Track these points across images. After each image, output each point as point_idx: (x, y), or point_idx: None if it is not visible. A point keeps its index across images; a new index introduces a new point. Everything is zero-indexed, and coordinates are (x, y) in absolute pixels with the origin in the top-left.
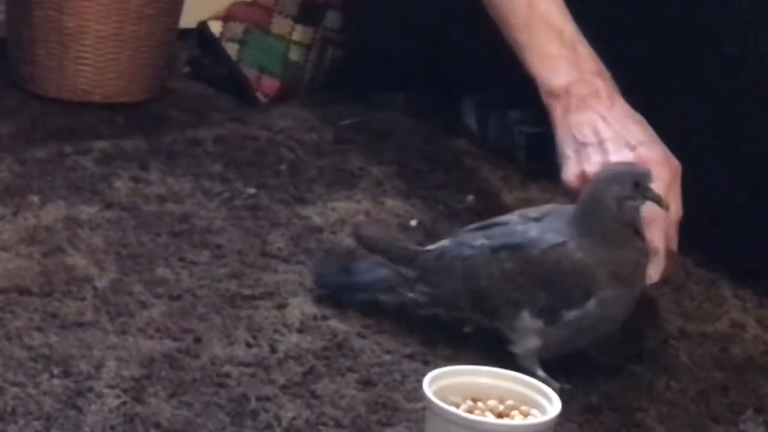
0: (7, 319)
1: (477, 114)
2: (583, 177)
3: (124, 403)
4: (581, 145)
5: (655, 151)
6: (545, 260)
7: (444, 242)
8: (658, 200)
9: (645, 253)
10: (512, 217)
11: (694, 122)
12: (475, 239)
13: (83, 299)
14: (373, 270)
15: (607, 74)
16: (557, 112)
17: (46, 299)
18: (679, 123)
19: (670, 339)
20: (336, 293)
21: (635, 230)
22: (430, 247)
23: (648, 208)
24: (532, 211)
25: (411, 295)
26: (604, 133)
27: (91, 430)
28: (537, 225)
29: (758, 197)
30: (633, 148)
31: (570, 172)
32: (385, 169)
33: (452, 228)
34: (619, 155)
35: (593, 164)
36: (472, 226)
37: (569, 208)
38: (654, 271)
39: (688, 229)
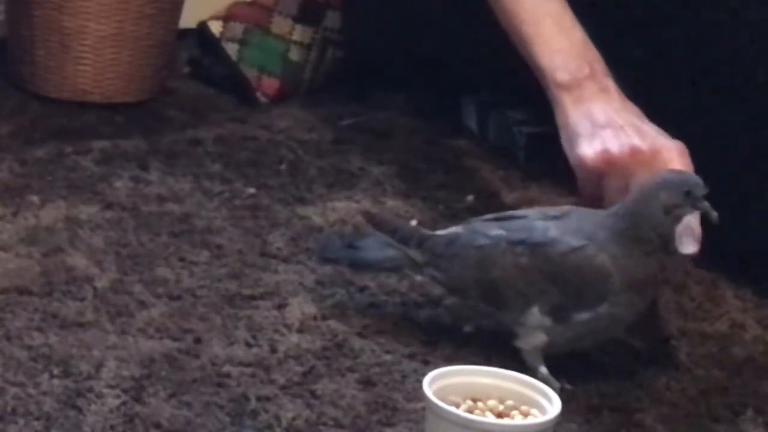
0: (7, 319)
1: (477, 114)
2: (605, 155)
3: (124, 403)
4: (598, 127)
5: (677, 142)
6: (564, 262)
7: (455, 229)
8: (707, 210)
9: (664, 269)
10: (529, 212)
11: (693, 122)
12: (491, 229)
13: (83, 299)
14: (380, 249)
15: (613, 80)
16: (568, 101)
17: (46, 299)
18: (678, 123)
19: (670, 339)
20: (337, 264)
21: (667, 243)
22: (441, 232)
23: None
24: (552, 210)
25: (419, 278)
26: (621, 121)
27: (91, 430)
28: (556, 224)
29: (758, 197)
30: (655, 137)
31: (587, 148)
32: (385, 169)
33: None
34: (641, 139)
35: (616, 145)
36: (486, 217)
37: (591, 211)
38: (692, 246)
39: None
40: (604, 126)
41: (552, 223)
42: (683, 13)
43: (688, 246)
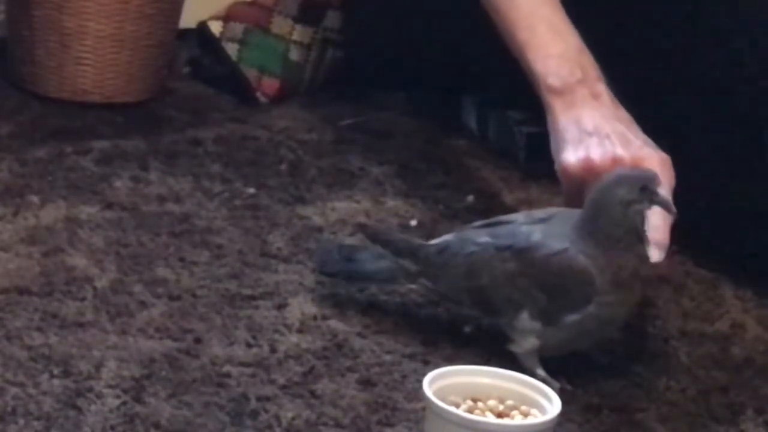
0: (7, 319)
1: (477, 114)
2: (587, 162)
3: (124, 403)
4: (585, 134)
5: (660, 153)
6: (547, 265)
7: (447, 237)
8: (665, 204)
9: (646, 259)
10: (518, 216)
11: (693, 123)
12: (479, 236)
13: (83, 299)
14: (375, 260)
15: (606, 85)
16: (558, 106)
17: (46, 299)
18: (678, 124)
19: (670, 339)
20: (336, 278)
21: (638, 235)
22: (433, 241)
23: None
24: (539, 212)
25: (413, 286)
26: (608, 129)
27: (91, 430)
28: (541, 227)
29: (758, 197)
30: (639, 147)
31: (571, 155)
32: (385, 169)
33: (452, 228)
34: (625, 149)
35: (598, 153)
36: (477, 223)
37: (575, 212)
38: (656, 254)
39: (688, 230)
40: (590, 133)
41: (537, 227)
42: (679, 17)
43: (653, 254)
